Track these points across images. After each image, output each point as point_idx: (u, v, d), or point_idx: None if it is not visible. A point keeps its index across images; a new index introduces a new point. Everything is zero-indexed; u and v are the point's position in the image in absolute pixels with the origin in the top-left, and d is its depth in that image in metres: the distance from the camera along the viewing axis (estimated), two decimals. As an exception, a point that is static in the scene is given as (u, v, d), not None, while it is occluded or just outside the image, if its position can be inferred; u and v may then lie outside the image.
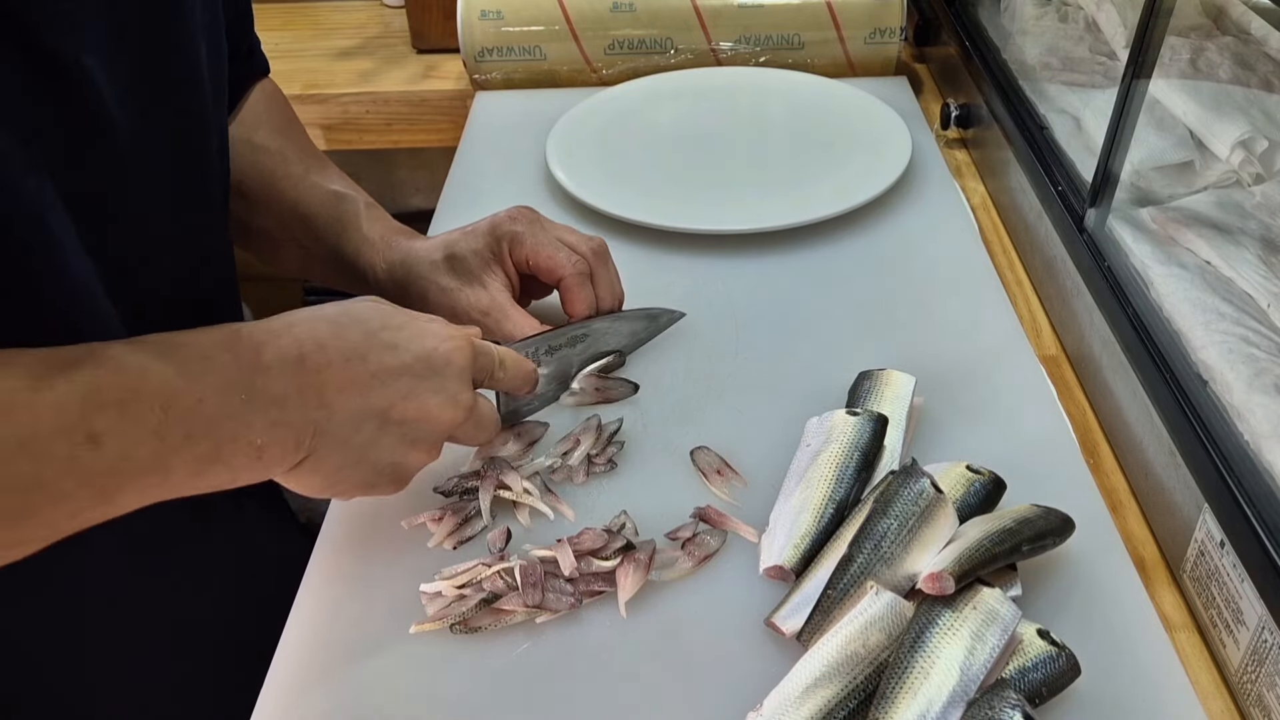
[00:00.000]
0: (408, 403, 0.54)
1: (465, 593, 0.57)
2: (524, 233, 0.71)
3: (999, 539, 0.54)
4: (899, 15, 1.14)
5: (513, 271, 0.72)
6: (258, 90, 0.79)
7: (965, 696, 0.48)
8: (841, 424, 0.63)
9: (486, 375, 0.59)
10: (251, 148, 0.75)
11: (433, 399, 0.55)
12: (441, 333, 0.56)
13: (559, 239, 0.72)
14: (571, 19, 1.13)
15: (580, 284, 0.71)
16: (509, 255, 0.72)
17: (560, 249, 0.71)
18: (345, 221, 0.75)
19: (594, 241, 0.73)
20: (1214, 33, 0.84)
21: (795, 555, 0.57)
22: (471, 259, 0.71)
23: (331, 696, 0.55)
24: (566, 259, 0.71)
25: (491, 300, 0.70)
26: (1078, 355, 0.78)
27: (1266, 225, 0.70)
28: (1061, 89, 0.90)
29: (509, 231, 0.71)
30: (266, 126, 0.77)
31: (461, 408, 0.56)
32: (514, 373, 0.62)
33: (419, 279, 0.72)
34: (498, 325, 0.69)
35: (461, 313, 0.70)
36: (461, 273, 0.71)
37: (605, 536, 0.59)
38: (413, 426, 0.54)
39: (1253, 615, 0.53)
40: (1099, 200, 0.74)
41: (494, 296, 0.70)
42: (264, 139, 0.76)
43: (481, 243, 0.71)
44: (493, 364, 0.60)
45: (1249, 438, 0.56)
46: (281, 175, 0.76)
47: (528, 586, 0.57)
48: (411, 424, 0.54)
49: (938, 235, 0.89)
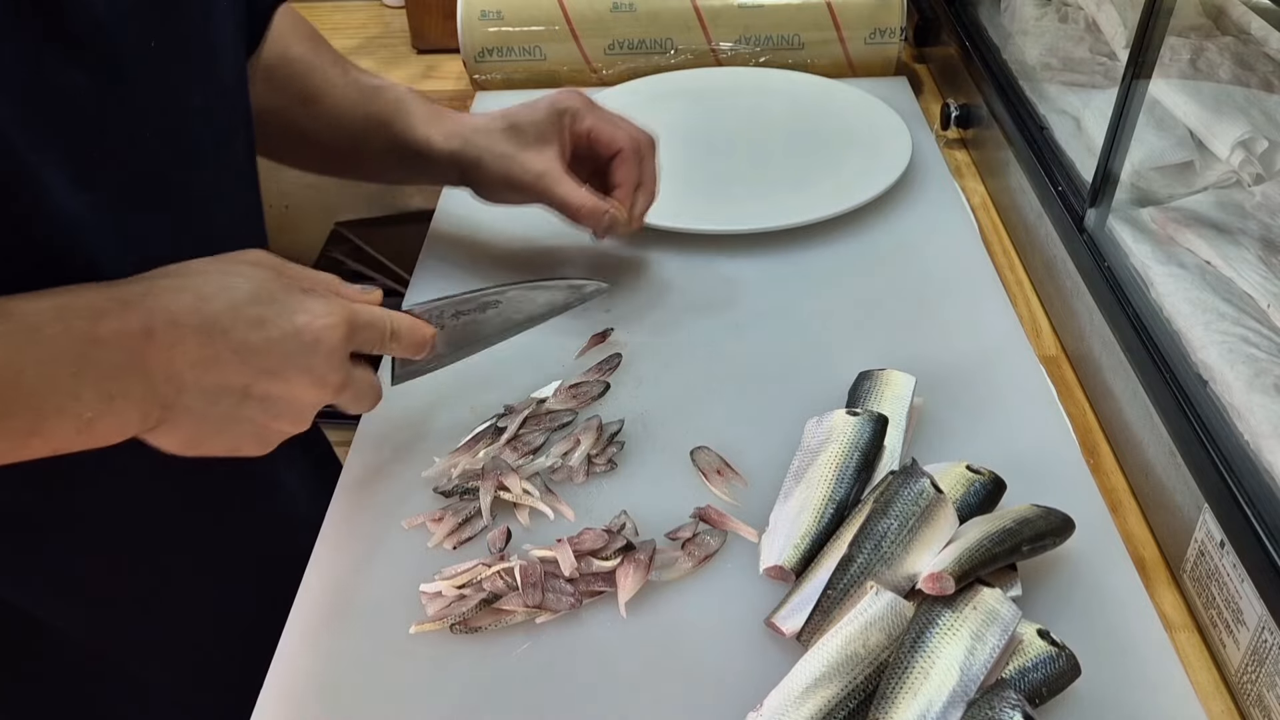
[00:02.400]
0: (270, 381, 0.52)
1: (465, 593, 0.57)
2: (583, 109, 0.75)
3: (999, 539, 0.54)
4: (899, 15, 1.14)
5: (568, 144, 0.76)
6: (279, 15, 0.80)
7: (965, 696, 0.48)
8: (841, 424, 0.63)
9: (374, 345, 0.58)
10: (288, 62, 0.77)
11: (297, 378, 0.53)
12: (316, 308, 0.54)
13: None
14: (571, 19, 1.13)
15: (634, 157, 0.76)
16: (569, 129, 0.75)
17: (620, 123, 0.76)
18: (392, 107, 0.77)
19: (644, 131, 0.77)
20: (1214, 33, 0.85)
21: (795, 555, 0.57)
22: (530, 129, 0.74)
23: (331, 697, 0.55)
24: (625, 132, 0.76)
25: (546, 165, 0.74)
26: (1078, 355, 0.78)
27: (1266, 225, 0.70)
28: (1061, 89, 0.90)
29: (570, 107, 0.75)
30: (297, 41, 0.78)
31: (328, 386, 0.55)
32: (407, 341, 0.61)
33: (474, 146, 0.75)
34: (550, 189, 0.73)
35: (515, 178, 0.74)
36: (519, 141, 0.75)
37: (605, 536, 0.59)
38: (275, 403, 0.53)
39: (1253, 615, 0.53)
40: (1099, 200, 0.74)
41: (548, 163, 0.74)
42: (298, 52, 0.77)
43: (542, 114, 0.75)
44: (381, 336, 0.58)
45: (1249, 438, 0.56)
46: (320, 81, 0.77)
47: (528, 586, 0.57)
48: (274, 401, 0.53)
49: (938, 235, 0.89)
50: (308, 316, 0.53)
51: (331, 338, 0.53)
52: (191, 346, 0.50)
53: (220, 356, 0.51)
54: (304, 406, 0.55)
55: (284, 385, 0.53)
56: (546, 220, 0.79)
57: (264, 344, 0.52)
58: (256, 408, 0.52)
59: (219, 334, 0.50)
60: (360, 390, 0.58)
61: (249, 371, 0.51)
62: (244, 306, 0.51)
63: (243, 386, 0.51)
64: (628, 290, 0.81)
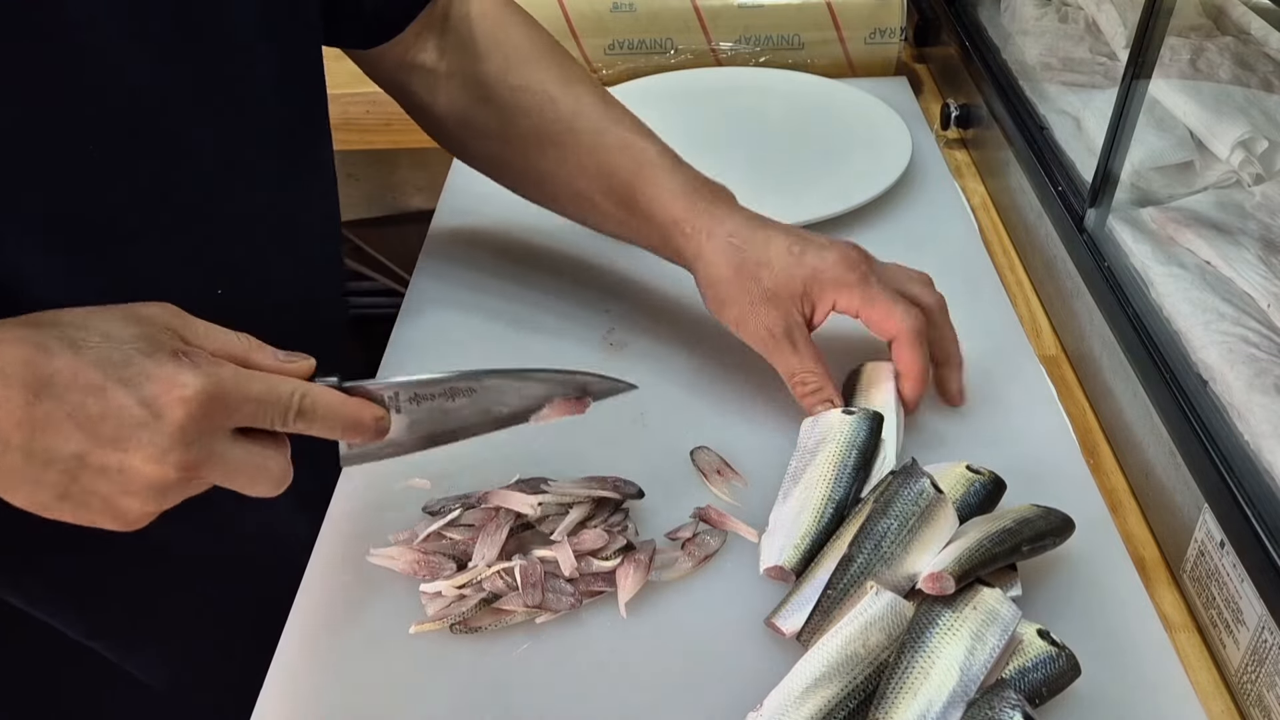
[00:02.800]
0: (108, 452, 0.46)
1: (465, 593, 0.57)
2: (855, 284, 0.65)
3: (999, 539, 0.54)
4: (899, 15, 1.14)
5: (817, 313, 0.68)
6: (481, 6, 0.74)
7: (965, 697, 0.48)
8: (838, 424, 0.63)
9: (271, 423, 0.50)
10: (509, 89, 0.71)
11: (137, 453, 0.46)
12: (175, 377, 0.47)
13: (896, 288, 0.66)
14: (571, 19, 1.13)
15: (914, 342, 0.65)
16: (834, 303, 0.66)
17: (895, 304, 0.65)
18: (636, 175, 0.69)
19: (932, 294, 0.68)
20: (1214, 33, 0.85)
21: (795, 555, 0.57)
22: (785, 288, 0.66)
23: (331, 697, 0.55)
24: (901, 315, 0.64)
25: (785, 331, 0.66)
26: (1078, 355, 0.78)
27: (1266, 225, 0.70)
28: (1061, 89, 0.90)
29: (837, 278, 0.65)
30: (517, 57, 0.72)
31: (171, 466, 0.47)
32: (331, 422, 0.52)
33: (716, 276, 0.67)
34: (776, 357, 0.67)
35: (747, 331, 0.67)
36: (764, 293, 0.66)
37: (605, 537, 0.59)
38: (114, 477, 0.47)
39: (1253, 615, 0.53)
40: (1099, 200, 0.74)
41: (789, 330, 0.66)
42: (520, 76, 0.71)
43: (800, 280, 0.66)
44: (279, 413, 0.50)
45: (1249, 438, 0.56)
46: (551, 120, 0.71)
47: (528, 586, 0.57)
48: (113, 474, 0.47)
49: (938, 235, 0.89)
50: (159, 386, 0.46)
51: (175, 413, 0.46)
52: (18, 405, 0.45)
53: (51, 419, 0.46)
54: (150, 484, 0.47)
55: (123, 457, 0.46)
56: (549, 220, 0.79)
57: (102, 412, 0.46)
58: (96, 480, 0.47)
59: (52, 395, 0.45)
60: (240, 473, 0.50)
61: (83, 439, 0.46)
62: (88, 368, 0.46)
63: (75, 455, 0.46)
64: (627, 290, 0.81)
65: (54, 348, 0.46)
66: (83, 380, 0.46)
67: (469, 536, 0.60)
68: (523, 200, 0.80)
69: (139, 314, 0.49)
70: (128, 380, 0.46)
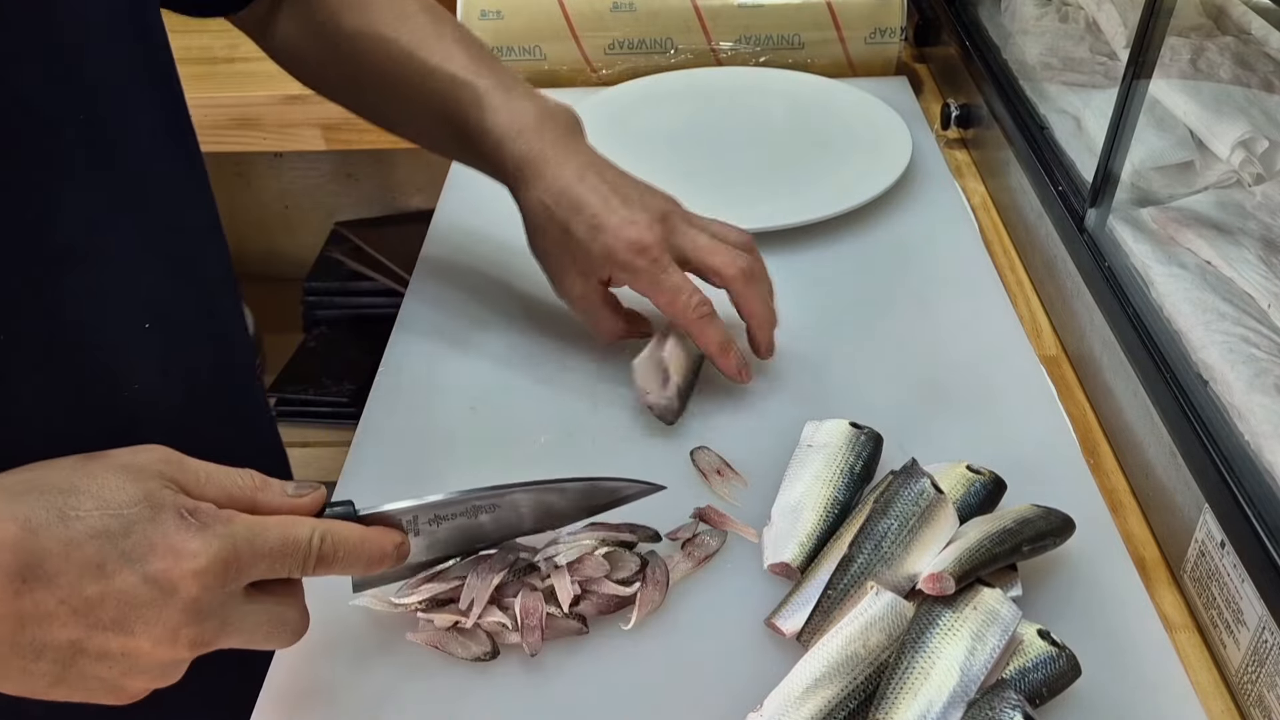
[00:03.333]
0: (108, 637, 0.42)
1: (460, 620, 0.55)
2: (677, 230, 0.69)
3: (999, 539, 0.54)
4: (899, 15, 1.14)
5: None
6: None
7: (965, 697, 0.48)
8: (843, 432, 0.64)
9: (289, 573, 0.46)
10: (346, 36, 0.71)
11: (145, 635, 0.42)
12: (183, 546, 0.42)
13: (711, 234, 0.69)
14: (571, 19, 1.13)
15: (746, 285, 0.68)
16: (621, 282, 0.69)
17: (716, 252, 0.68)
18: (466, 118, 0.69)
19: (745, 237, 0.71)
20: (1214, 33, 0.84)
21: (801, 554, 0.57)
22: None
23: (331, 698, 0.55)
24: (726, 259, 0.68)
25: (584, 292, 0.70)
26: (1078, 355, 0.78)
27: (1267, 225, 0.69)
28: (1062, 89, 0.90)
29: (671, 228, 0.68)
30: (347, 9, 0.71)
31: (184, 644, 0.43)
32: (347, 562, 0.48)
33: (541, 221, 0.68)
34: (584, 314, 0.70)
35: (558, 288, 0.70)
36: None
37: (605, 565, 0.57)
38: (119, 661, 0.43)
39: (1253, 615, 0.53)
40: (1099, 200, 0.74)
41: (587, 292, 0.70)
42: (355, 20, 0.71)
43: None
44: (295, 563, 0.46)
45: (1249, 438, 0.56)
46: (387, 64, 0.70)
47: (528, 629, 0.55)
48: (117, 659, 0.43)
49: (938, 235, 0.89)
50: (167, 561, 0.42)
51: (192, 586, 0.42)
52: (6, 595, 0.40)
53: (41, 608, 0.41)
54: (159, 664, 0.44)
55: (128, 641, 0.42)
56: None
57: (100, 595, 0.41)
58: (95, 665, 0.42)
59: (42, 581, 0.40)
60: (257, 632, 0.46)
61: (79, 626, 0.41)
62: (83, 543, 0.41)
63: (71, 643, 0.41)
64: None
65: (40, 522, 0.41)
66: (77, 559, 0.41)
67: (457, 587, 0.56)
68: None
69: (133, 466, 0.44)
70: (129, 554, 0.42)
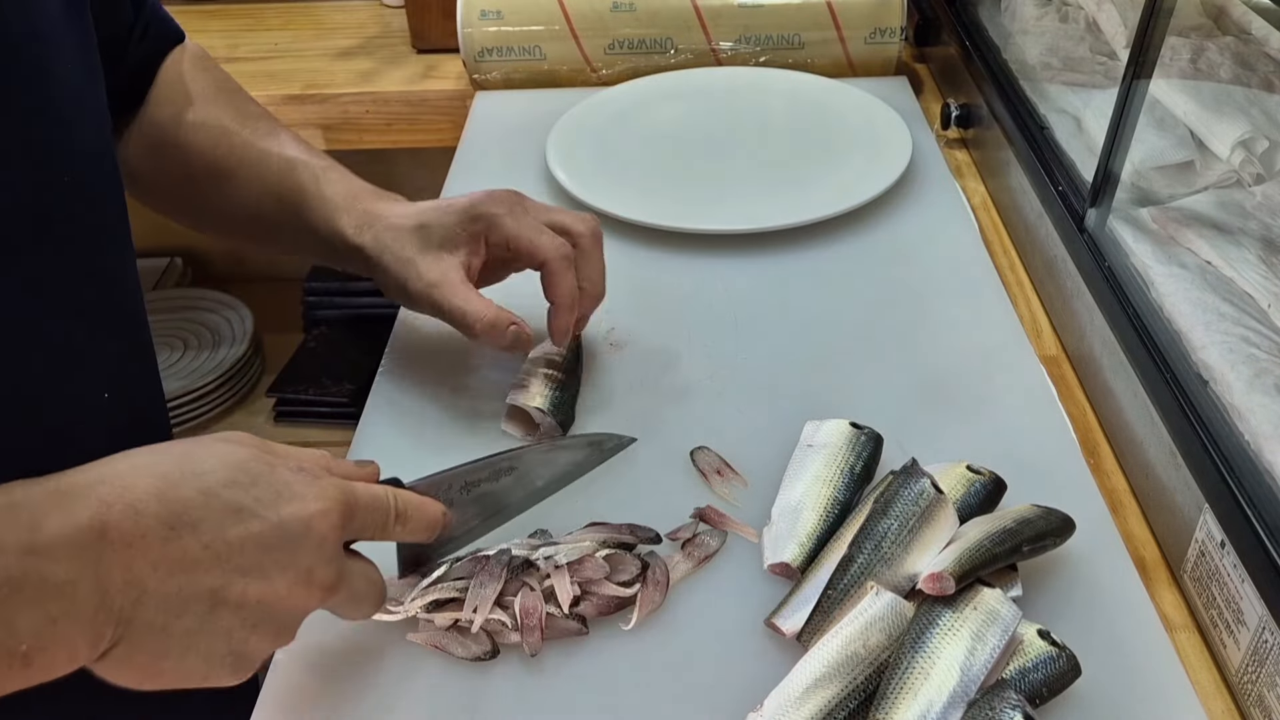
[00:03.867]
0: (248, 582, 0.43)
1: (460, 619, 0.55)
2: (504, 215, 0.67)
3: (999, 539, 0.54)
4: (899, 15, 1.14)
5: (480, 252, 0.68)
6: (174, 62, 0.72)
7: (965, 697, 0.48)
8: (843, 430, 0.63)
9: (377, 530, 0.50)
10: (188, 128, 0.70)
11: (280, 577, 0.44)
12: (306, 491, 0.45)
13: (546, 221, 0.68)
14: (571, 19, 1.13)
15: (563, 268, 0.67)
16: (485, 236, 0.67)
17: (542, 232, 0.67)
18: (304, 189, 0.69)
19: (584, 222, 0.69)
20: (1214, 33, 0.84)
21: (801, 554, 0.57)
22: (439, 231, 0.67)
23: (330, 699, 0.54)
24: (548, 242, 0.66)
25: (443, 274, 0.65)
26: (1078, 355, 0.78)
27: (1267, 225, 0.69)
28: (1062, 89, 0.90)
29: (488, 213, 0.67)
30: (199, 99, 0.71)
31: (317, 587, 0.46)
32: (415, 525, 0.52)
33: (379, 244, 0.67)
34: (446, 299, 0.65)
35: (411, 286, 0.66)
36: (425, 245, 0.67)
37: (605, 567, 0.57)
38: (254, 610, 0.44)
39: (1253, 615, 0.53)
40: (1099, 200, 0.74)
41: (445, 271, 0.66)
42: (197, 114, 0.70)
43: (455, 219, 0.67)
44: (384, 519, 0.50)
45: (1249, 438, 0.56)
46: (225, 151, 0.70)
47: (528, 629, 0.55)
48: (252, 608, 0.44)
49: (938, 235, 0.89)
50: (297, 503, 0.45)
51: (322, 526, 0.45)
52: (154, 542, 0.41)
53: (188, 555, 0.42)
54: (288, 613, 0.46)
55: (265, 586, 0.44)
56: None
57: (241, 538, 0.43)
58: (231, 617, 0.44)
59: (187, 527, 0.42)
60: (358, 589, 0.49)
61: (222, 572, 0.43)
62: (219, 491, 0.43)
63: (214, 591, 0.43)
64: (627, 290, 0.81)
65: (176, 477, 0.43)
66: (216, 506, 0.43)
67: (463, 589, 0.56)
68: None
69: (230, 439, 0.47)
70: (260, 500, 0.44)
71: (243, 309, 1.68)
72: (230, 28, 1.41)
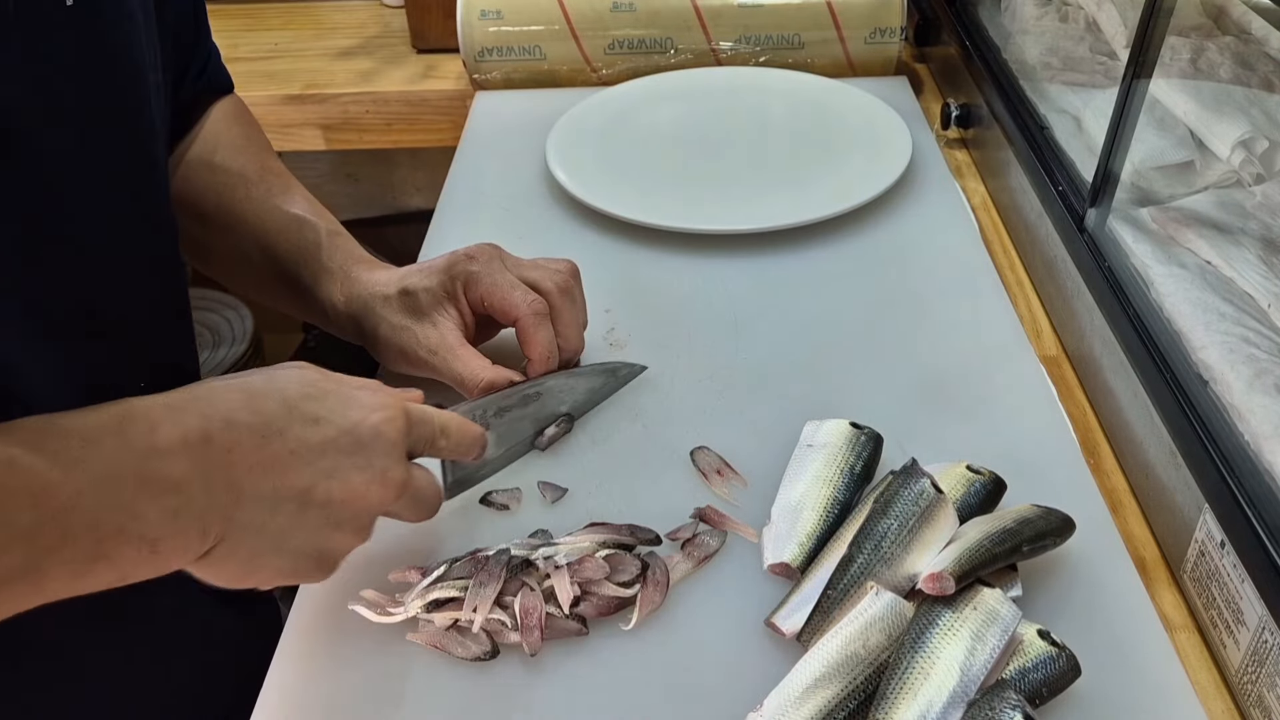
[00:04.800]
0: (331, 482, 0.49)
1: (459, 618, 0.55)
2: (480, 272, 0.67)
3: (999, 539, 0.54)
4: (899, 15, 1.14)
5: (467, 310, 0.69)
6: (218, 109, 0.76)
7: (965, 697, 0.48)
8: (843, 433, 0.63)
9: (426, 444, 0.55)
10: (210, 169, 0.73)
11: (359, 476, 0.50)
12: (371, 402, 0.51)
13: (520, 277, 0.68)
14: (571, 19, 1.13)
15: (536, 325, 0.67)
16: (464, 294, 0.68)
17: (516, 289, 0.67)
18: (305, 250, 0.71)
19: (560, 276, 0.69)
20: (1214, 33, 0.84)
21: (800, 554, 0.57)
22: (424, 296, 0.67)
23: (330, 698, 0.55)
24: (522, 299, 0.66)
25: (441, 339, 0.67)
26: (1078, 355, 0.78)
27: (1267, 225, 0.69)
28: (1062, 89, 0.90)
29: (464, 271, 0.68)
30: (226, 147, 0.74)
31: (392, 485, 0.51)
32: (458, 440, 0.57)
33: (372, 314, 0.68)
34: (446, 365, 0.66)
35: (410, 351, 0.67)
36: (413, 310, 0.68)
37: (605, 568, 0.57)
38: (338, 508, 0.49)
39: (1253, 615, 0.53)
40: (1099, 200, 0.74)
41: (443, 335, 0.67)
42: (223, 159, 0.73)
43: (435, 280, 0.68)
44: (433, 432, 0.55)
45: (1249, 438, 0.56)
46: (241, 198, 0.72)
47: (528, 629, 0.55)
48: (336, 505, 0.49)
49: (938, 235, 0.89)
50: (363, 411, 0.51)
51: (391, 430, 0.51)
52: (249, 448, 0.47)
53: (279, 458, 0.48)
54: (366, 510, 0.51)
55: (345, 486, 0.49)
56: (548, 222, 0.79)
57: (322, 442, 0.49)
58: (318, 515, 0.49)
59: (275, 434, 0.48)
60: (420, 492, 0.54)
61: (309, 473, 0.48)
62: (298, 404, 0.49)
63: (303, 490, 0.48)
64: (627, 290, 0.81)
65: (260, 391, 0.49)
66: (298, 415, 0.49)
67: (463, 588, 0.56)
68: (522, 201, 0.80)
69: (297, 364, 0.53)
70: (334, 410, 0.50)
71: (242, 309, 1.68)
72: (230, 28, 1.41)
